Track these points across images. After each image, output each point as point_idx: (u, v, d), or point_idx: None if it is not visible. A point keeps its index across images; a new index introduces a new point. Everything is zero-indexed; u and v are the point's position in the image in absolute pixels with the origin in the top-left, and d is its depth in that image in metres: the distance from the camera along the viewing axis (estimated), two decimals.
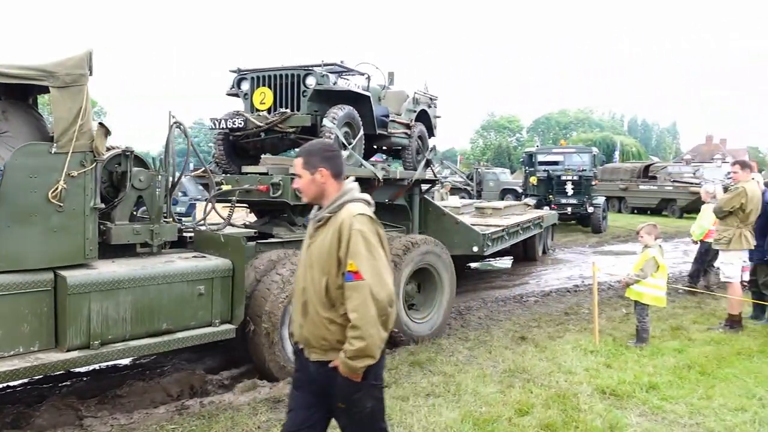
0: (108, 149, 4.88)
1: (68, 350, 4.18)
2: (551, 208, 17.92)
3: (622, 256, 15.03)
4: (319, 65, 6.68)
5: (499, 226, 10.02)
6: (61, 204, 4.21)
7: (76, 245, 4.33)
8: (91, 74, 4.32)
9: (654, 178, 28.49)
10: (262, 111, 6.67)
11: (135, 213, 5.22)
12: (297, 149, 7.47)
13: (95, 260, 4.49)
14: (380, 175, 7.09)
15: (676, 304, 8.88)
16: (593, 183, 20.71)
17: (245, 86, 6.86)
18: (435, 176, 8.81)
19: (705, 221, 9.50)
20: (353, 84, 7.04)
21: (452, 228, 8.67)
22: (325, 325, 2.72)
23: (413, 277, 7.10)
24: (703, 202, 9.66)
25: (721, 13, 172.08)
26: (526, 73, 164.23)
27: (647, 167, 30.21)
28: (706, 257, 9.76)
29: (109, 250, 4.85)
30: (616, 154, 46.35)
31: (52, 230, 4.21)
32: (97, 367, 5.97)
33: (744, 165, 7.53)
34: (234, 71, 7.00)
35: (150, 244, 5.07)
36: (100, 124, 4.43)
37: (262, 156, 7.49)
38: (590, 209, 19.85)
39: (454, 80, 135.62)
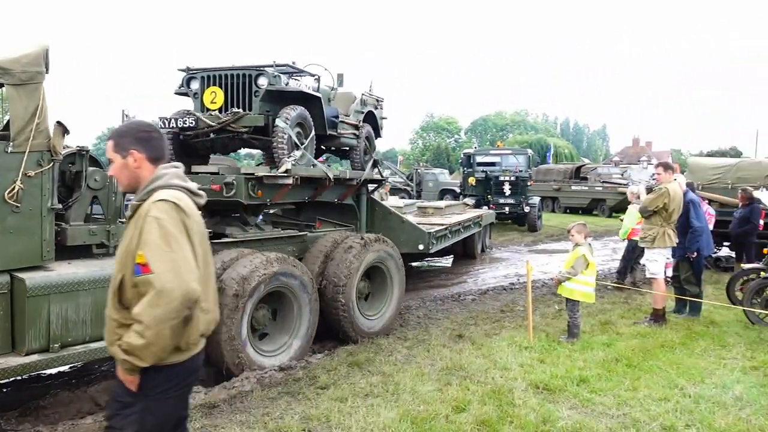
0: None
1: (27, 354, 4.10)
2: (490, 208, 18.35)
3: (555, 255, 15.51)
4: (271, 66, 6.71)
5: (442, 224, 10.24)
6: (18, 204, 4.14)
7: (33, 246, 4.26)
8: (47, 72, 4.22)
9: (585, 179, 29.58)
10: (213, 110, 6.65)
11: (89, 214, 5.15)
12: (248, 149, 7.49)
13: (52, 262, 4.42)
14: (331, 175, 7.16)
15: (605, 300, 9.23)
16: (529, 183, 21.40)
17: (195, 85, 6.83)
18: (381, 176, 8.98)
19: (628, 221, 9.93)
20: (304, 85, 7.10)
21: (398, 227, 8.85)
22: (114, 329, 2.41)
23: (365, 275, 7.24)
24: (629, 203, 10.09)
25: (651, 18, 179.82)
26: (465, 74, 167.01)
27: (579, 168, 31.34)
28: (632, 255, 10.18)
29: (64, 251, 4.76)
30: (550, 155, 47.74)
31: (8, 231, 4.13)
32: (19, 378, 5.70)
33: (667, 167, 7.90)
34: (183, 70, 6.96)
35: (106, 245, 4.98)
36: (58, 122, 4.36)
37: (211, 156, 7.51)
38: (526, 209, 20.52)
39: (394, 81, 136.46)
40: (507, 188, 20.45)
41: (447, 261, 14.30)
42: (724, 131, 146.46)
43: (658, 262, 7.67)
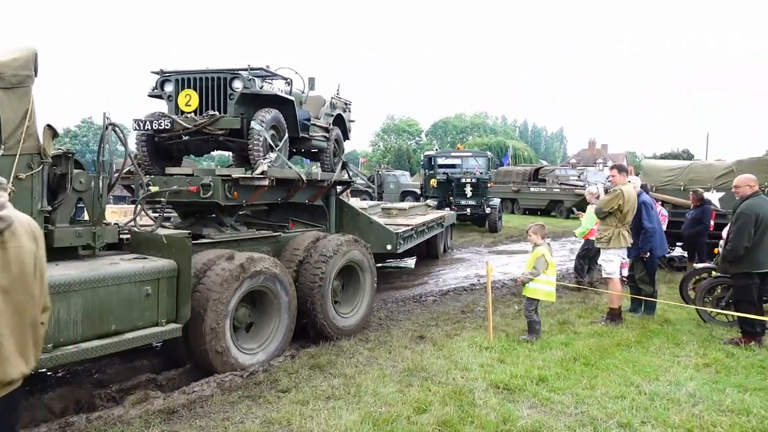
0: None
1: None
2: (452, 209, 18.53)
3: (515, 255, 15.73)
4: (246, 69, 6.87)
5: (408, 225, 10.35)
6: None
7: None
8: (36, 75, 4.29)
9: (543, 180, 30.08)
10: (188, 113, 6.79)
11: (74, 216, 5.23)
12: (222, 151, 7.81)
13: None
14: (305, 176, 7.30)
15: (563, 299, 9.39)
16: (489, 185, 21.69)
17: (169, 88, 6.94)
18: (350, 178, 9.18)
19: (586, 221, 10.11)
20: (276, 88, 7.32)
21: (367, 227, 8.99)
22: None
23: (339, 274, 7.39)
24: (588, 203, 10.29)
25: (611, 18, 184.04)
26: (425, 76, 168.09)
27: (537, 170, 31.86)
28: (589, 253, 10.39)
29: (49, 253, 4.62)
30: (508, 157, 48.32)
31: None
32: None
33: (621, 169, 8.08)
34: (156, 73, 7.05)
35: (92, 246, 5.09)
36: (48, 126, 4.48)
37: (184, 158, 7.69)
38: (487, 210, 20.83)
39: (354, 83, 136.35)
40: (468, 190, 20.72)
41: (410, 262, 14.36)
42: (674, 135, 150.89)
43: (613, 263, 7.85)
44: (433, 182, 21.74)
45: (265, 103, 6.91)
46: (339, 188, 8.93)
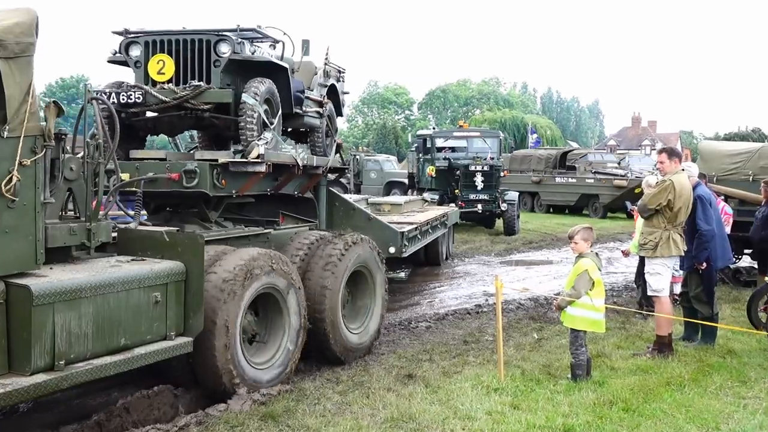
0: None
1: (32, 373, 4.47)
2: (459, 206, 18.68)
3: (534, 267, 15.80)
4: (234, 30, 7.14)
5: (412, 223, 10.66)
6: (15, 198, 4.52)
7: (28, 248, 4.66)
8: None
9: (573, 168, 30.21)
10: (161, 83, 7.03)
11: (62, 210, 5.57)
12: (197, 130, 8.36)
13: (41, 266, 4.82)
14: (301, 161, 7.67)
15: None
16: (503, 174, 21.75)
17: (135, 52, 7.21)
18: (344, 164, 9.70)
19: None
20: (266, 53, 7.63)
21: (364, 225, 9.38)
22: None
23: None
24: None
25: None
26: (418, 34, 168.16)
27: (565, 155, 32.01)
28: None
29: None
30: (531, 136, 48.46)
31: (3, 231, 4.50)
32: None
33: (672, 153, 8.11)
34: (119, 33, 7.29)
35: (87, 246, 5.45)
36: (54, 102, 4.88)
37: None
38: (503, 206, 20.80)
39: (326, 41, 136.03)
40: (479, 181, 20.76)
41: (402, 273, 14.23)
42: (745, 110, 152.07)
43: (661, 276, 7.87)
44: (431, 170, 21.85)
45: (254, 72, 7.24)
46: (330, 176, 9.43)
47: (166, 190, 6.68)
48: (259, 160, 6.81)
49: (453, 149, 22.34)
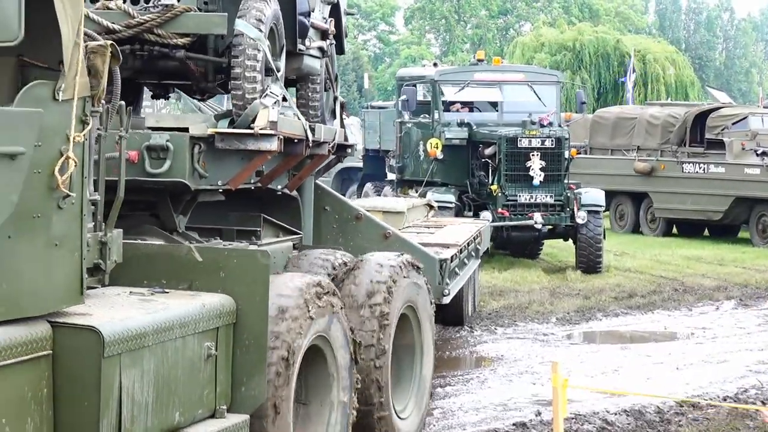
0: None
1: None
2: (498, 216, 12.85)
3: (637, 347, 9.89)
4: None
5: (449, 245, 7.95)
6: (71, 194, 3.52)
7: (74, 271, 3.67)
8: None
9: (719, 143, 18.37)
10: (113, 3, 5.34)
11: None
12: (168, 80, 6.38)
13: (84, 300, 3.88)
14: (311, 133, 5.83)
15: None
16: (570, 156, 14.40)
17: None
18: (346, 137, 7.24)
19: None
20: None
21: (377, 245, 6.90)
22: None
23: None
24: None
25: None
26: None
27: (702, 118, 19.14)
28: None
29: None
30: (629, 80, 30.95)
31: (52, 244, 3.53)
32: None
33: None
34: None
35: (102, 269, 4.19)
36: (111, 44, 3.92)
37: None
38: (580, 218, 13.37)
39: None
40: (536, 168, 13.36)
41: None
42: None
43: None
44: (436, 146, 14.19)
45: None
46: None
47: (114, 179, 4.54)
48: (270, 131, 5.01)
49: (473, 107, 14.54)
